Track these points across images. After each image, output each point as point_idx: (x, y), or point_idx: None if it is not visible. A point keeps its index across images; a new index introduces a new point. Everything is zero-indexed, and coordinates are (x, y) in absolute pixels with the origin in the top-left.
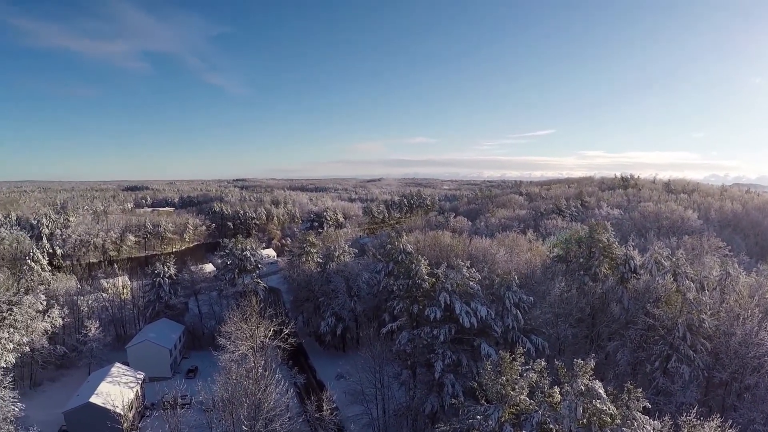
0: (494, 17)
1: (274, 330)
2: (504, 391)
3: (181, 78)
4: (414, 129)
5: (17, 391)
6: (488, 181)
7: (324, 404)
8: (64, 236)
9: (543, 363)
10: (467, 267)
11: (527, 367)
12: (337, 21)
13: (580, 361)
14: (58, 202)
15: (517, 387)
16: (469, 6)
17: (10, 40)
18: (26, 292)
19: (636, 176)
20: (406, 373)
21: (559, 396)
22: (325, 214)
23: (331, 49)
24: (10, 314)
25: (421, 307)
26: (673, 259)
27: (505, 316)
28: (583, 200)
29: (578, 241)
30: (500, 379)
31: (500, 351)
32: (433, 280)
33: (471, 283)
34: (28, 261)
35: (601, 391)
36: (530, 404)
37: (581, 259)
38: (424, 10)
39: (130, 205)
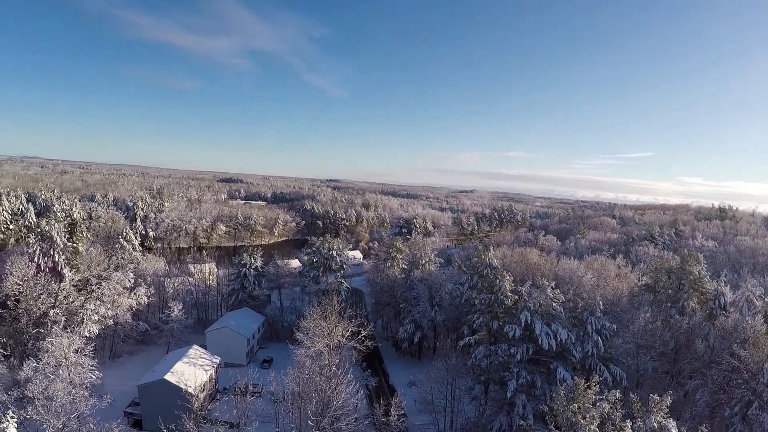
0: (596, 36)
1: (352, 330)
2: (574, 419)
3: (281, 77)
4: (511, 143)
5: (96, 360)
6: (581, 201)
7: (392, 409)
8: (157, 220)
9: (618, 394)
10: (552, 287)
11: (601, 397)
12: (437, 31)
13: (656, 396)
14: (155, 187)
15: (588, 416)
16: (572, 25)
17: (115, 32)
18: (116, 269)
19: (734, 207)
20: (478, 389)
21: (630, 431)
22: (414, 221)
23: (432, 57)
24: (99, 288)
25: (501, 323)
26: (766, 299)
27: (586, 342)
28: (677, 229)
29: (668, 271)
30: (572, 406)
31: (576, 377)
32: (516, 297)
33: (554, 304)
34: (121, 240)
35: (674, 430)
36: None
37: (670, 291)
38: (532, 25)
39: (223, 196)
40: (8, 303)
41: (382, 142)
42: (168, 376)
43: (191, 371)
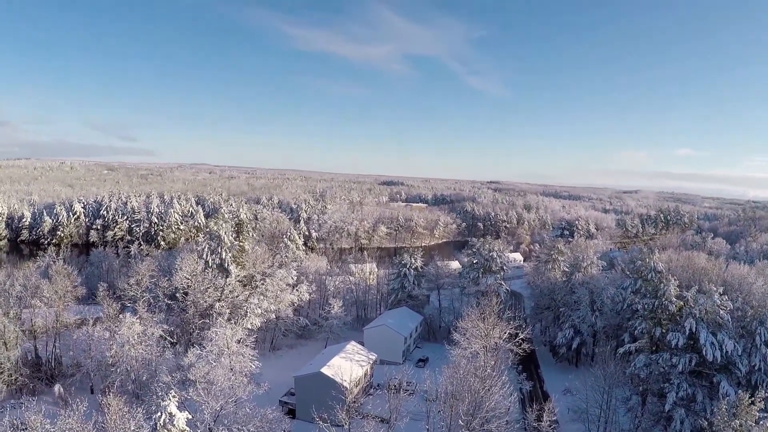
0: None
1: (509, 333)
2: None
3: (440, 79)
4: (679, 139)
5: (257, 351)
6: (753, 202)
7: (545, 415)
8: (320, 221)
9: None
10: (719, 293)
11: (765, 415)
12: (593, 26)
13: None
14: (318, 190)
15: None
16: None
17: (281, 45)
18: (280, 267)
19: None
20: (635, 399)
21: None
22: (576, 223)
23: (595, 53)
24: (263, 284)
25: (663, 330)
26: None
27: (753, 355)
28: None
29: None
30: (733, 423)
31: (739, 392)
32: (681, 303)
33: (721, 312)
34: (285, 240)
35: None
36: None
37: None
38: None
39: (384, 199)
40: (177, 295)
41: (543, 143)
42: (324, 369)
43: (347, 366)
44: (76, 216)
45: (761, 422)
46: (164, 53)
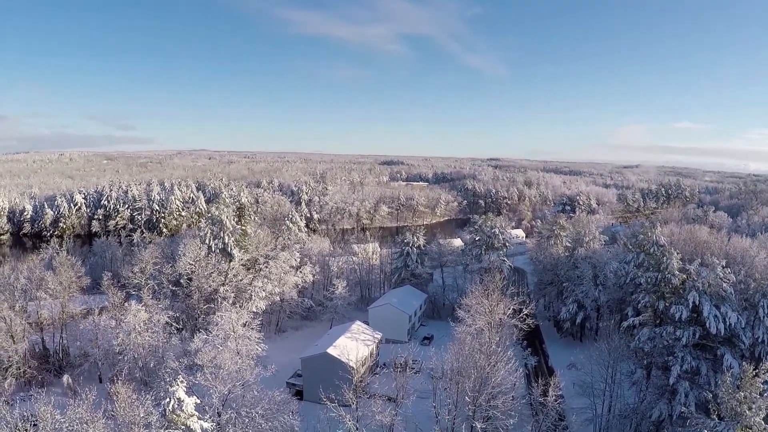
0: None
1: (513, 309)
2: (739, 409)
3: (437, 59)
4: (679, 113)
5: (263, 334)
6: (754, 175)
7: (550, 390)
8: (321, 203)
9: None
10: (722, 266)
11: None
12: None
13: None
14: (318, 172)
15: (754, 407)
16: None
17: (278, 30)
18: (283, 249)
19: None
20: (639, 373)
21: None
22: (577, 198)
23: (592, 28)
24: (266, 267)
25: (667, 304)
26: None
27: (757, 327)
28: None
29: None
30: (738, 395)
31: (743, 365)
32: (684, 276)
33: (724, 284)
34: (287, 222)
35: None
36: (765, 429)
37: None
38: None
39: (385, 178)
40: (182, 281)
41: (542, 119)
42: (330, 350)
43: (353, 346)
44: (77, 207)
45: (765, 394)
46: (159, 42)
